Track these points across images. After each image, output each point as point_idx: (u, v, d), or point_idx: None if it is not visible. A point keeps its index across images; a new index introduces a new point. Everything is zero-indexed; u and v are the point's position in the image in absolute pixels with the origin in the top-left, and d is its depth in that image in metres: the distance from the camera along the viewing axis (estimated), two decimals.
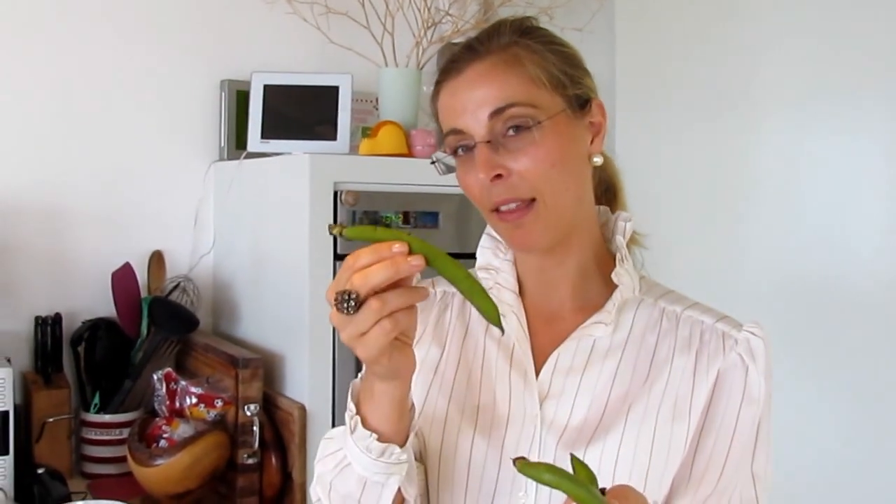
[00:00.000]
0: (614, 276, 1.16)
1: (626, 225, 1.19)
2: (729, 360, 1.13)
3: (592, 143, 1.16)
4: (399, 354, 0.98)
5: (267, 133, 2.20)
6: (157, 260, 2.37)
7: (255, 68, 2.29)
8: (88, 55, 2.31)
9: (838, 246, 2.31)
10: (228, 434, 1.97)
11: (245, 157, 2.25)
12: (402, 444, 1.05)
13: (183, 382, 2.01)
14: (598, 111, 1.17)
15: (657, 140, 2.70)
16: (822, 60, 2.34)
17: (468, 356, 1.21)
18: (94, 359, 2.22)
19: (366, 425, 1.03)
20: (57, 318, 2.20)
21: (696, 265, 2.48)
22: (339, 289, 0.93)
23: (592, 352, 1.16)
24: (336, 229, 0.95)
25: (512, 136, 1.09)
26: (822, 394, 2.33)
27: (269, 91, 2.22)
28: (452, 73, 1.14)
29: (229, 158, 2.38)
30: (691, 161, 2.67)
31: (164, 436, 1.95)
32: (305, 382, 1.97)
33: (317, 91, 2.20)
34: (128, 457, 1.95)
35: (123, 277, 2.25)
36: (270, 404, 2.03)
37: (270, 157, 2.18)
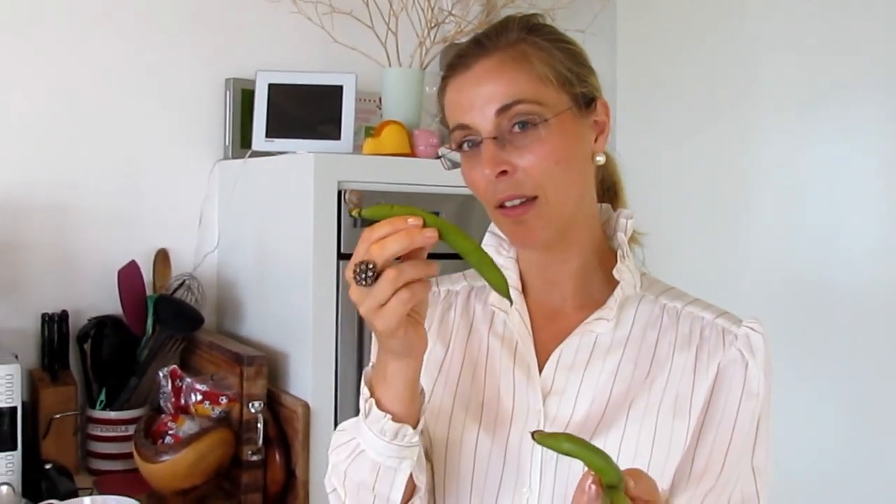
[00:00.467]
0: (616, 273, 1.17)
1: (627, 222, 1.21)
2: (729, 356, 1.15)
3: (596, 141, 1.17)
4: (413, 329, 1.01)
5: (271, 132, 2.21)
6: (162, 258, 2.38)
7: (259, 67, 2.29)
8: (94, 54, 2.32)
9: (837, 246, 2.32)
10: (233, 431, 1.98)
11: (250, 156, 2.26)
12: (415, 427, 1.07)
13: (188, 380, 2.02)
14: (602, 110, 1.18)
15: (658, 141, 2.71)
16: (821, 63, 2.35)
17: (472, 353, 1.22)
18: (101, 356, 2.23)
19: (380, 407, 1.05)
20: (63, 315, 2.22)
21: (696, 265, 2.49)
22: (356, 261, 0.96)
23: (594, 348, 1.17)
24: (354, 210, 0.99)
25: (518, 133, 1.10)
26: (821, 393, 2.33)
27: (274, 90, 2.23)
28: (460, 68, 1.14)
29: (234, 157, 2.39)
30: (692, 161, 2.68)
31: (170, 432, 1.96)
32: (309, 380, 1.99)
33: (321, 90, 2.21)
34: (134, 453, 1.96)
35: (129, 275, 2.26)
36: (274, 402, 2.04)
37: (275, 155, 2.19)
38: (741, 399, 1.14)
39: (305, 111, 2.22)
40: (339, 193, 1.99)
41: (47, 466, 1.93)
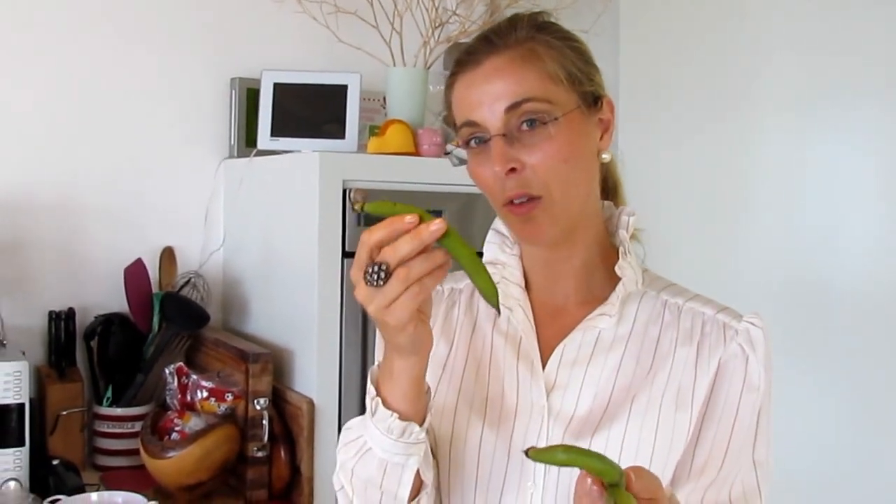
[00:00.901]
0: (618, 269, 1.18)
1: (629, 219, 1.21)
2: (729, 350, 1.16)
3: (601, 139, 1.18)
4: (420, 327, 1.01)
5: (277, 131, 2.22)
6: (168, 256, 2.39)
7: (265, 67, 2.30)
8: (101, 54, 2.34)
9: (836, 246, 2.33)
10: (238, 427, 1.99)
11: (255, 155, 2.27)
12: (421, 424, 1.07)
13: (194, 377, 2.03)
14: (607, 108, 1.19)
15: (659, 140, 2.72)
16: (821, 64, 2.36)
17: (476, 350, 1.23)
18: (107, 353, 2.25)
19: (386, 405, 1.06)
20: (70, 312, 2.23)
21: (697, 265, 2.49)
22: (363, 264, 0.97)
23: (597, 343, 1.18)
24: (358, 205, 0.99)
25: (527, 131, 1.11)
26: (821, 390, 2.34)
27: (279, 89, 2.24)
28: (469, 65, 1.15)
29: (239, 156, 2.41)
30: (693, 161, 2.69)
31: (176, 429, 1.98)
32: (314, 377, 2.00)
33: (326, 90, 2.22)
34: (140, 449, 1.98)
35: (135, 273, 2.28)
36: (279, 398, 2.06)
37: (280, 154, 2.20)
38: (742, 393, 1.15)
39: (310, 110, 2.23)
40: (344, 192, 2.00)
41: (55, 462, 1.94)
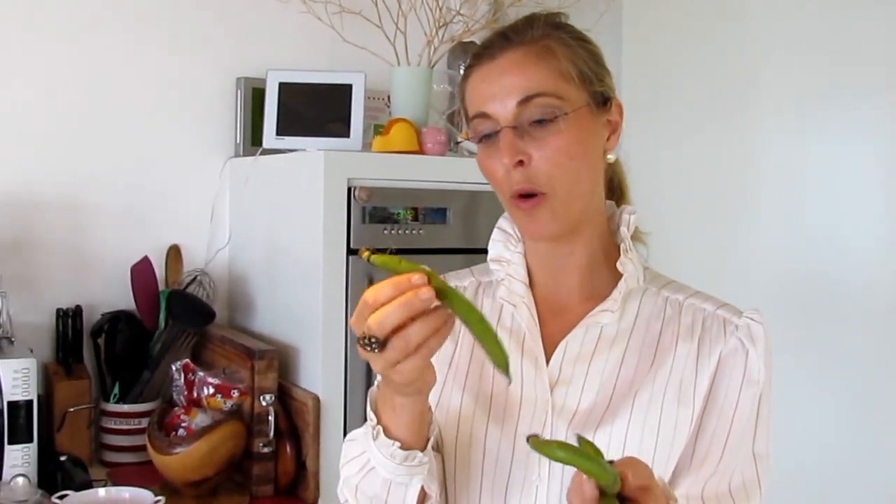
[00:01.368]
0: (619, 265, 1.19)
1: (630, 217, 1.23)
2: (730, 345, 1.17)
3: (608, 140, 1.21)
4: (426, 372, 1.00)
5: (282, 130, 2.24)
6: (174, 254, 2.40)
7: (270, 66, 2.31)
8: (107, 54, 2.35)
9: (837, 244, 2.34)
10: (244, 423, 2.01)
11: (260, 154, 2.28)
12: (423, 449, 1.08)
13: (200, 373, 2.04)
14: (616, 110, 1.21)
15: (661, 140, 2.73)
16: (823, 65, 2.37)
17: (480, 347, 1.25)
18: (114, 350, 2.26)
19: (388, 434, 1.06)
20: (78, 310, 2.24)
21: (699, 264, 2.49)
22: (359, 325, 0.94)
23: (600, 339, 1.20)
24: (365, 254, 0.95)
25: (536, 125, 1.13)
26: (823, 387, 2.35)
27: (284, 89, 2.25)
28: (485, 58, 1.17)
29: (245, 155, 2.42)
30: (696, 160, 2.70)
31: (183, 425, 1.99)
32: (319, 373, 2.02)
33: (331, 89, 2.23)
34: (147, 445, 1.98)
35: (142, 271, 2.29)
36: (285, 395, 2.07)
37: (285, 153, 2.21)
38: (742, 387, 1.16)
39: (315, 109, 2.24)
40: (349, 190, 2.02)
41: (62, 458, 1.96)
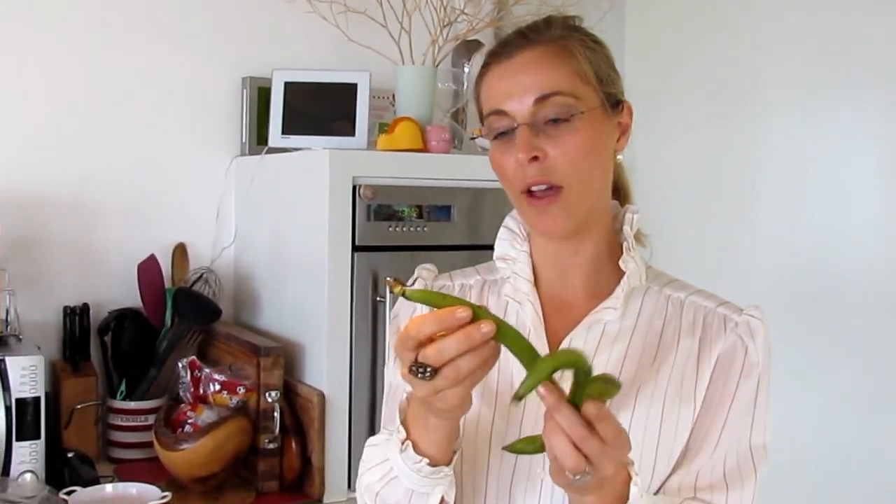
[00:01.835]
0: (622, 263, 1.21)
1: (633, 217, 1.25)
2: (729, 341, 1.19)
3: (618, 141, 1.22)
4: (465, 399, 1.02)
5: (287, 129, 2.25)
6: (180, 252, 2.41)
7: (276, 66, 2.32)
8: (114, 54, 2.36)
9: (838, 241, 2.35)
10: (250, 420, 2.02)
11: (266, 153, 2.29)
12: (449, 464, 1.10)
13: (207, 370, 2.05)
14: (627, 113, 1.23)
15: (663, 138, 2.73)
16: (823, 63, 2.38)
17: None
18: (121, 347, 2.28)
19: (417, 450, 1.08)
20: (85, 308, 2.26)
21: (701, 261, 2.51)
22: (408, 352, 0.96)
23: (602, 337, 1.21)
24: (398, 289, 0.96)
25: (552, 124, 1.14)
26: (824, 383, 2.36)
27: (290, 88, 2.26)
28: (503, 56, 1.19)
29: (251, 153, 2.43)
30: (697, 159, 2.71)
31: (189, 421, 2.00)
32: (324, 370, 2.03)
33: (336, 88, 2.24)
34: (154, 441, 2.00)
35: (149, 269, 2.30)
36: (290, 391, 2.08)
37: (291, 152, 2.22)
38: (739, 379, 1.18)
39: (321, 108, 2.25)
40: (354, 188, 2.03)
41: (70, 455, 1.97)
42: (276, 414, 2.02)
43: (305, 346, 2.12)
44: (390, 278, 0.97)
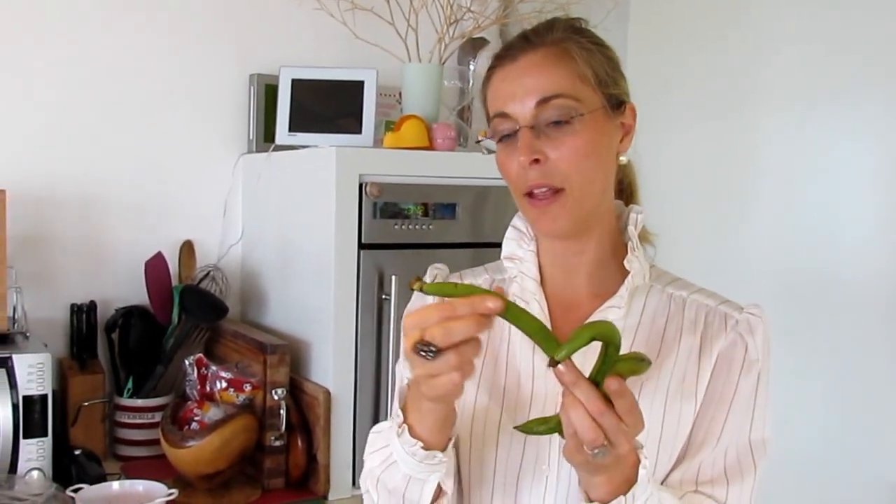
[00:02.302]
0: (626, 263, 1.22)
1: (637, 217, 1.26)
2: (730, 339, 1.20)
3: (622, 142, 1.23)
4: (457, 387, 1.03)
5: (294, 126, 2.25)
6: (187, 249, 2.42)
7: (283, 63, 2.33)
8: (122, 51, 2.36)
9: (836, 239, 2.36)
10: (256, 417, 2.02)
11: (273, 150, 2.30)
12: (444, 450, 1.11)
13: (213, 368, 2.06)
14: (630, 114, 1.23)
15: (664, 137, 2.74)
16: (822, 64, 2.39)
17: (494, 342, 1.27)
18: (128, 345, 2.28)
19: (412, 433, 1.10)
20: (92, 305, 2.26)
21: (699, 261, 2.51)
22: (414, 330, 0.99)
23: None
24: (417, 284, 1.00)
25: (553, 126, 1.15)
26: (822, 381, 2.37)
27: (297, 85, 2.27)
28: (507, 60, 1.20)
29: (258, 151, 2.44)
30: (697, 158, 2.72)
31: (196, 418, 2.00)
32: (330, 368, 2.03)
33: (343, 85, 2.25)
34: (160, 439, 2.00)
35: (156, 266, 2.31)
36: (297, 389, 2.09)
37: (298, 149, 2.22)
38: (740, 376, 1.19)
39: (327, 106, 2.25)
40: (360, 186, 2.03)
41: (77, 452, 1.97)
42: (282, 411, 2.03)
43: (311, 343, 2.12)
44: (413, 278, 1.01)
